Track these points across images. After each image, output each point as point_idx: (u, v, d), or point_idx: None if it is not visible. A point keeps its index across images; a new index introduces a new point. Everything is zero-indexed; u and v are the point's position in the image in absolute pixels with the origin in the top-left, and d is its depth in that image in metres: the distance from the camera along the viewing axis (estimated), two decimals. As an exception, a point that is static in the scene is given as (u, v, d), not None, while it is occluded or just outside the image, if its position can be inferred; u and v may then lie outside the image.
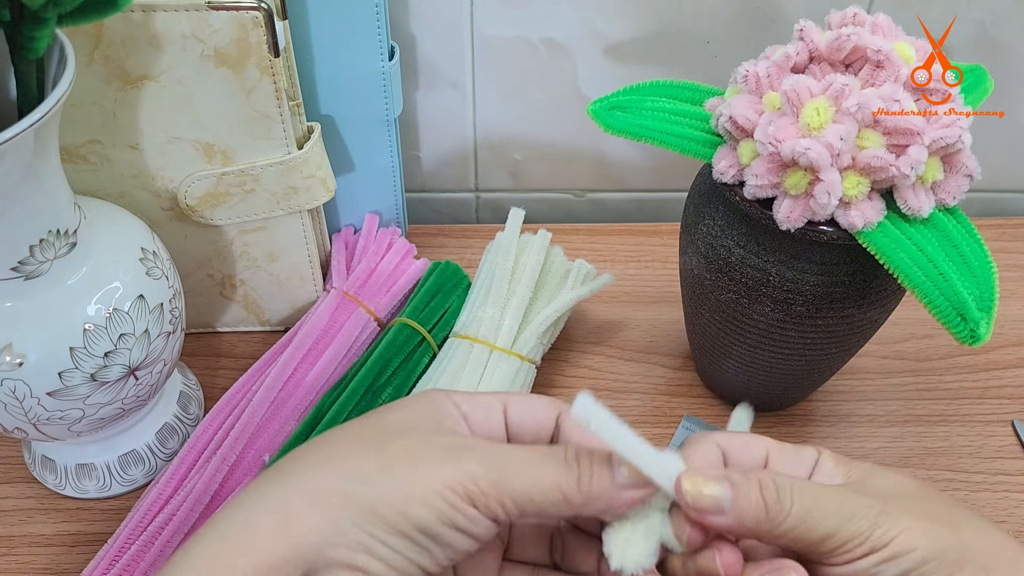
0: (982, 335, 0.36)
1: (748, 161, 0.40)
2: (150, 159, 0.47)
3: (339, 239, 0.59)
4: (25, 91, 0.34)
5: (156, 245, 0.44)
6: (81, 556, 0.46)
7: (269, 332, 0.58)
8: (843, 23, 0.41)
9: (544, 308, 0.52)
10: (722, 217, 0.43)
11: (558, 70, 0.61)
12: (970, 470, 0.50)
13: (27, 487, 0.49)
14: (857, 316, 0.43)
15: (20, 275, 0.37)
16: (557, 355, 0.56)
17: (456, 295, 0.55)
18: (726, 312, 0.45)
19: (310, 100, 0.53)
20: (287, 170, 0.49)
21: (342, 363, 0.52)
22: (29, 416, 0.40)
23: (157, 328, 0.42)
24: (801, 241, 0.40)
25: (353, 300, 0.54)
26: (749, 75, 0.40)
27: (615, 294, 0.60)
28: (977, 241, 0.38)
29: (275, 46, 0.43)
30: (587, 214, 0.71)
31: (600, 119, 0.44)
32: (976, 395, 0.54)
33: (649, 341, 0.58)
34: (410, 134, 0.65)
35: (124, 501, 0.48)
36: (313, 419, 0.48)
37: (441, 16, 0.58)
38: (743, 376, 0.49)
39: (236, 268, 0.54)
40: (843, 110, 0.37)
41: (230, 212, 0.50)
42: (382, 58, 0.52)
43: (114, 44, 0.42)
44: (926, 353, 0.57)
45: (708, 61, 0.60)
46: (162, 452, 0.49)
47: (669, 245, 0.64)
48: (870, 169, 0.37)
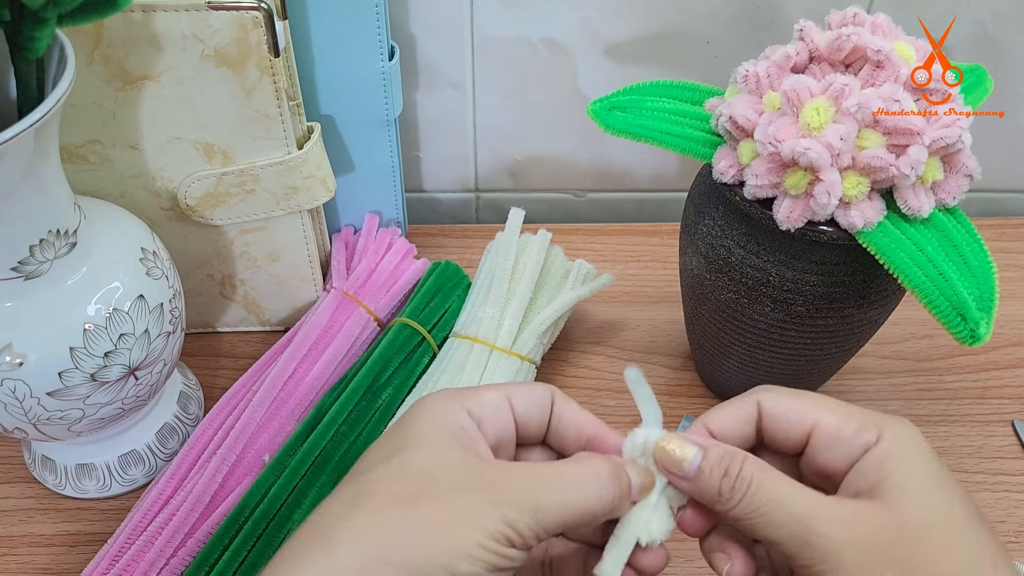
0: (982, 335, 0.36)
1: (748, 161, 0.40)
2: (150, 159, 0.47)
3: (339, 239, 0.59)
4: (25, 91, 0.34)
5: (156, 245, 0.44)
6: (81, 556, 0.46)
7: (269, 332, 0.58)
8: (843, 23, 0.41)
9: (544, 308, 0.52)
10: (722, 217, 0.43)
11: (558, 70, 0.61)
12: (970, 470, 0.50)
13: (27, 487, 0.49)
14: (857, 316, 0.43)
15: (20, 275, 0.37)
16: (557, 355, 0.56)
17: (456, 295, 0.55)
18: (726, 312, 0.45)
19: (310, 100, 0.53)
20: (287, 170, 0.49)
21: (342, 363, 0.52)
22: (29, 416, 0.40)
23: (157, 328, 0.42)
24: (801, 241, 0.40)
25: (353, 300, 0.54)
26: (749, 75, 0.40)
27: (615, 294, 0.60)
28: (977, 241, 0.38)
29: (275, 46, 0.43)
30: (587, 214, 0.71)
31: (600, 119, 0.44)
32: (976, 395, 0.54)
33: (649, 341, 0.58)
34: (410, 134, 0.65)
35: (124, 501, 0.48)
36: (313, 419, 0.48)
37: (441, 16, 0.58)
38: (743, 376, 0.49)
39: (236, 268, 0.54)
40: (843, 110, 0.37)
41: (230, 212, 0.50)
42: (382, 58, 0.52)
43: (114, 44, 0.42)
44: (926, 353, 0.57)
45: (708, 61, 0.60)
46: (162, 452, 0.49)
47: (669, 245, 0.64)
48: (870, 169, 0.37)
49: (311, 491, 0.45)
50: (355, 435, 0.47)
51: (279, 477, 0.45)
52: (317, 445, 0.46)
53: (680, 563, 0.45)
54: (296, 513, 0.44)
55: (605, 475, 0.29)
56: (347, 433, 0.47)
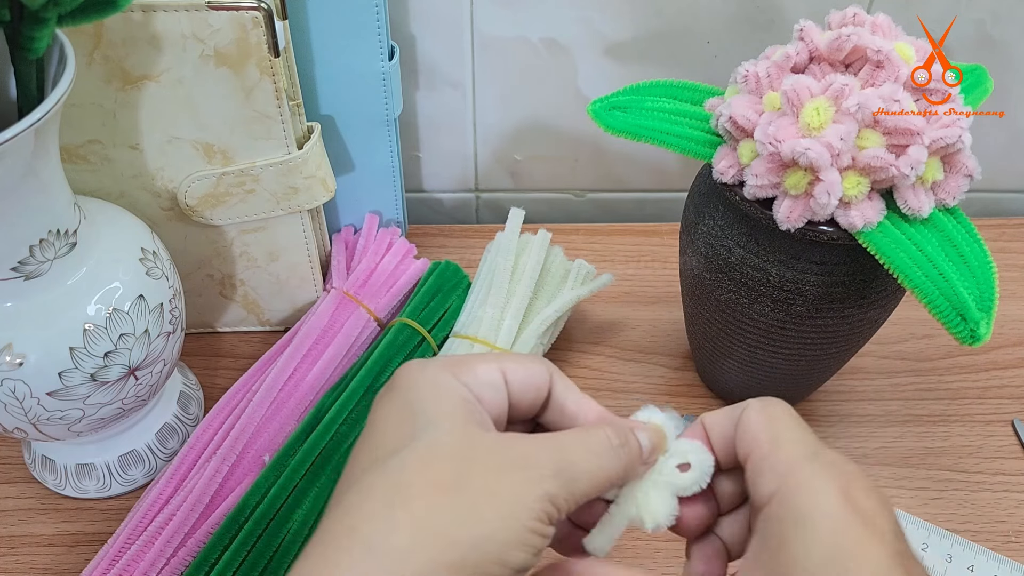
0: (982, 335, 0.36)
1: (748, 161, 0.40)
2: (150, 159, 0.47)
3: (339, 239, 0.59)
4: (25, 91, 0.34)
5: (156, 245, 0.44)
6: (81, 556, 0.46)
7: (269, 332, 0.58)
8: (843, 23, 0.41)
9: (544, 308, 0.52)
10: (722, 217, 0.43)
11: (558, 70, 0.61)
12: (970, 470, 0.50)
13: (27, 487, 0.49)
14: (857, 316, 0.43)
15: (20, 275, 0.37)
16: (557, 355, 0.56)
17: (456, 295, 0.55)
18: (726, 312, 0.45)
19: (310, 100, 0.53)
20: (287, 170, 0.49)
21: (342, 363, 0.52)
22: (29, 416, 0.40)
23: (157, 328, 0.42)
24: (801, 241, 0.40)
25: (353, 300, 0.54)
26: (749, 75, 0.40)
27: (615, 294, 0.60)
28: (977, 241, 0.38)
29: (275, 46, 0.43)
30: (587, 214, 0.71)
31: (600, 119, 0.44)
32: (976, 395, 0.54)
33: (649, 341, 0.58)
34: (410, 134, 0.65)
35: (124, 501, 0.48)
36: (313, 419, 0.48)
37: (441, 16, 0.58)
38: (743, 376, 0.49)
39: (236, 268, 0.54)
40: (843, 110, 0.37)
41: (230, 212, 0.50)
42: (382, 58, 0.52)
43: (114, 44, 0.42)
44: (926, 353, 0.57)
45: (708, 61, 0.60)
46: (162, 452, 0.49)
47: (669, 245, 0.64)
48: (870, 169, 0.37)
49: (311, 491, 0.45)
50: (355, 435, 0.47)
51: (279, 477, 0.45)
52: (317, 445, 0.46)
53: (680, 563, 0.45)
54: (296, 513, 0.44)
55: (616, 441, 0.28)
56: (347, 433, 0.47)
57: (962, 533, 0.47)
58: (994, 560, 0.45)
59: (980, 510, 0.48)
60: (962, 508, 0.48)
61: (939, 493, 0.49)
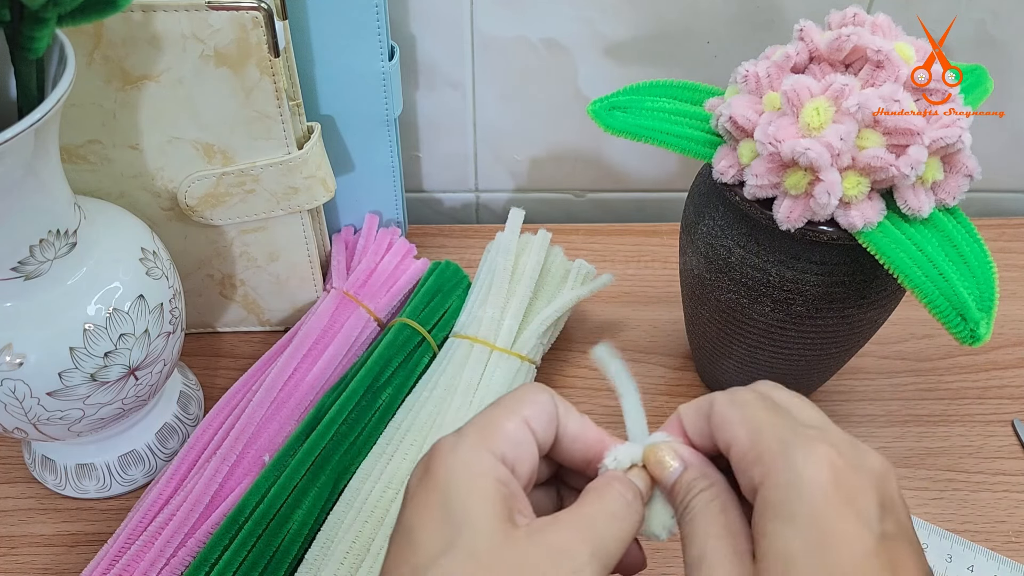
0: (982, 335, 0.36)
1: (748, 161, 0.40)
2: (150, 159, 0.47)
3: (339, 239, 0.59)
4: (25, 91, 0.34)
5: (156, 245, 0.44)
6: (81, 556, 0.46)
7: (269, 332, 0.58)
8: (843, 23, 0.41)
9: (544, 308, 0.52)
10: (722, 217, 0.43)
11: (558, 70, 0.61)
12: (970, 470, 0.50)
13: (27, 487, 0.49)
14: (857, 316, 0.43)
15: (20, 275, 0.37)
16: (557, 355, 0.56)
17: (456, 295, 0.55)
18: (726, 312, 0.45)
19: (310, 100, 0.53)
20: (287, 170, 0.49)
21: (342, 363, 0.52)
22: (29, 416, 0.40)
23: (157, 328, 0.42)
24: (801, 241, 0.40)
25: (353, 300, 0.54)
26: (749, 75, 0.40)
27: (615, 294, 0.60)
28: (977, 241, 0.38)
29: (275, 46, 0.43)
30: (587, 214, 0.71)
31: (600, 119, 0.44)
32: (976, 395, 0.54)
33: (649, 341, 0.58)
34: (410, 134, 0.65)
35: (124, 501, 0.48)
36: (313, 419, 0.48)
37: (441, 16, 0.58)
38: (743, 376, 0.49)
39: (236, 268, 0.54)
40: (843, 110, 0.37)
41: (230, 212, 0.50)
42: (382, 58, 0.52)
43: (114, 44, 0.42)
44: (926, 353, 0.57)
45: (708, 61, 0.60)
46: (162, 452, 0.49)
47: (669, 245, 0.64)
48: (870, 169, 0.37)
49: (311, 491, 0.45)
50: (355, 435, 0.47)
51: (279, 477, 0.45)
52: (317, 445, 0.46)
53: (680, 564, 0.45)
54: (296, 513, 0.44)
55: (630, 495, 0.29)
56: (347, 433, 0.47)
57: (962, 533, 0.47)
58: (994, 560, 0.45)
59: (980, 510, 0.48)
60: (962, 508, 0.48)
61: (939, 493, 0.49)
